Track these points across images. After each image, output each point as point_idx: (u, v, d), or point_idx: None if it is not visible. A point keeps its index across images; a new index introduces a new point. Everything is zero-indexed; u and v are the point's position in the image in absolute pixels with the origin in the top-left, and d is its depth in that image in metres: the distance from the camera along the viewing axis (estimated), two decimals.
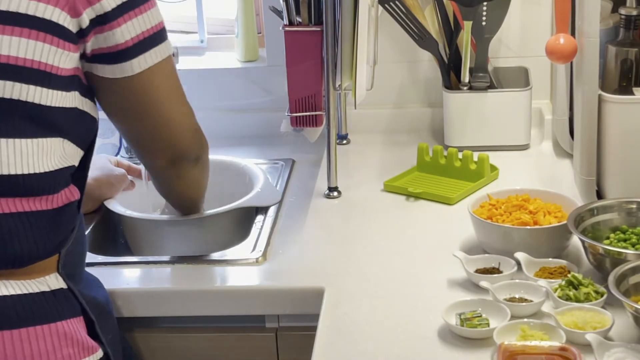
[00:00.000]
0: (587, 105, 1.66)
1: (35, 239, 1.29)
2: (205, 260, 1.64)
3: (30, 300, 1.28)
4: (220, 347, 1.59)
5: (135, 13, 1.31)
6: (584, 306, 1.36)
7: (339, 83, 1.84)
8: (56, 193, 1.30)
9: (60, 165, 1.30)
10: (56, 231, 1.31)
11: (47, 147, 1.28)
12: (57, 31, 1.25)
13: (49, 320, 1.29)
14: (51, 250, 1.31)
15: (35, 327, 1.27)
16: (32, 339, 1.26)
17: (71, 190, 1.33)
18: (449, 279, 1.52)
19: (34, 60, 1.24)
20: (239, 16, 2.28)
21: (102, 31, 1.29)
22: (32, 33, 1.23)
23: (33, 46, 1.23)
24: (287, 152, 2.11)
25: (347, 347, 1.36)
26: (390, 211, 1.81)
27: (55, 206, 1.30)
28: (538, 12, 2.15)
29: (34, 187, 1.27)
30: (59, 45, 1.25)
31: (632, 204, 1.56)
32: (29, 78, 1.24)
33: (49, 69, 1.25)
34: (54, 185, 1.30)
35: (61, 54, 1.26)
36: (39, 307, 1.29)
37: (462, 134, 2.05)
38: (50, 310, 1.30)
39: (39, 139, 1.27)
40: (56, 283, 1.32)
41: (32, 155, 1.26)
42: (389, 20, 2.02)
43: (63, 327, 1.30)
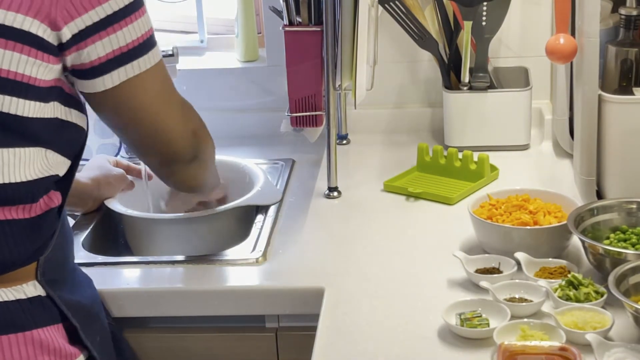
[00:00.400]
0: (587, 105, 1.66)
1: (11, 247, 1.27)
2: (205, 260, 1.64)
3: (4, 309, 1.27)
4: (220, 347, 1.59)
5: (115, 29, 1.27)
6: (584, 306, 1.36)
7: (339, 83, 1.84)
8: (35, 202, 1.28)
9: (41, 174, 1.28)
10: (34, 239, 1.30)
11: (26, 156, 1.26)
12: (35, 43, 1.23)
13: (24, 328, 1.27)
14: (28, 258, 1.30)
15: (9, 335, 1.26)
16: (5, 348, 1.25)
17: (51, 196, 1.31)
18: (449, 279, 1.52)
19: (9, 70, 1.22)
20: (239, 16, 2.28)
21: (85, 47, 1.26)
22: (9, 44, 1.21)
23: (9, 57, 1.22)
24: (287, 152, 2.11)
25: (347, 347, 1.36)
26: (390, 211, 1.81)
27: (33, 214, 1.28)
28: (538, 12, 2.15)
29: (10, 197, 1.25)
30: (37, 56, 1.23)
31: (632, 204, 1.56)
32: (4, 88, 1.22)
33: (26, 80, 1.23)
34: (33, 195, 1.28)
35: (39, 65, 1.24)
36: (13, 315, 1.27)
37: (462, 134, 2.05)
38: (26, 318, 1.28)
39: (16, 149, 1.25)
40: (34, 290, 1.30)
41: (9, 164, 1.24)
42: (389, 20, 2.02)
43: (39, 335, 1.28)
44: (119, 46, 1.28)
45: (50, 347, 1.29)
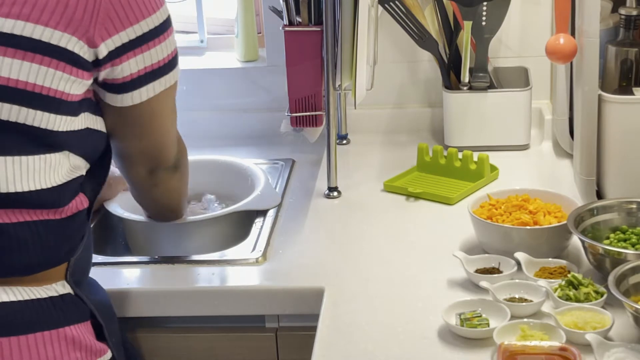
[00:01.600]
0: (587, 105, 1.66)
1: (45, 247, 1.29)
2: (205, 261, 1.64)
3: (37, 306, 1.28)
4: (220, 347, 1.59)
5: (149, 46, 1.32)
6: (584, 306, 1.36)
7: (339, 83, 1.84)
8: (65, 205, 1.31)
9: (67, 178, 1.30)
10: (66, 240, 1.32)
11: (54, 161, 1.28)
12: (71, 59, 1.25)
13: (56, 325, 1.29)
14: (61, 259, 1.32)
15: (42, 332, 1.27)
16: (39, 345, 1.26)
17: (80, 199, 1.34)
18: (449, 279, 1.52)
19: (43, 86, 1.24)
20: (239, 16, 2.28)
21: (120, 63, 1.30)
22: (45, 59, 1.23)
23: (44, 72, 1.23)
24: (287, 152, 2.11)
25: (347, 347, 1.36)
26: (390, 211, 1.81)
27: (64, 216, 1.31)
28: (538, 12, 2.15)
29: (42, 202, 1.28)
30: (72, 73, 1.25)
31: (632, 204, 1.56)
32: (37, 104, 1.24)
33: (59, 95, 1.25)
34: (62, 198, 1.30)
35: (73, 82, 1.26)
36: (46, 312, 1.29)
37: (462, 134, 2.05)
38: (58, 316, 1.30)
39: (45, 155, 1.27)
40: (63, 289, 1.33)
41: (39, 171, 1.26)
42: (389, 20, 2.02)
43: (71, 331, 1.30)
44: (151, 63, 1.33)
45: (81, 343, 1.31)
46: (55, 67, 1.24)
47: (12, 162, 1.24)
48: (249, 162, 1.97)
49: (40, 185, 1.27)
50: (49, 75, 1.24)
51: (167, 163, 1.51)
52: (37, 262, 1.29)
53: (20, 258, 1.28)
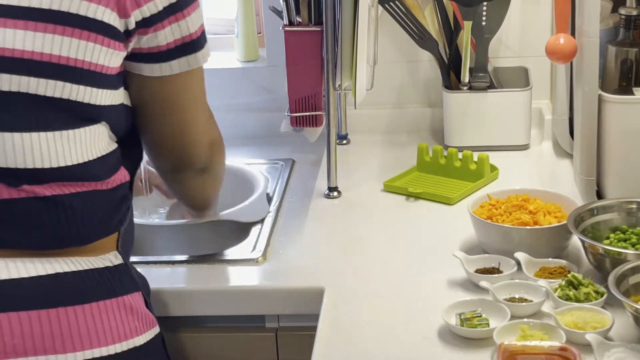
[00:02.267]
0: (587, 105, 1.66)
1: (98, 217, 1.32)
2: (205, 260, 1.64)
3: (96, 276, 1.30)
4: (220, 347, 1.59)
5: (182, 15, 1.31)
6: (584, 306, 1.36)
7: (339, 83, 1.84)
8: (109, 177, 1.32)
9: (108, 149, 1.32)
10: (115, 210, 1.34)
11: (96, 133, 1.29)
12: (107, 31, 1.26)
13: (114, 294, 1.31)
14: (113, 228, 1.35)
15: (104, 301, 1.29)
16: (102, 314, 1.28)
17: (123, 172, 1.36)
18: (449, 279, 1.52)
19: (84, 60, 1.24)
20: (239, 16, 2.28)
21: (146, 33, 1.30)
22: (83, 33, 1.23)
23: (84, 47, 1.24)
24: (287, 152, 2.11)
25: (347, 347, 1.36)
26: (390, 211, 1.81)
27: (110, 187, 1.33)
28: (538, 12, 2.15)
29: (91, 174, 1.29)
30: (110, 45, 1.26)
31: (632, 204, 1.56)
32: (80, 78, 1.25)
33: (100, 69, 1.26)
34: (107, 169, 1.32)
35: (112, 54, 1.27)
36: (103, 281, 1.31)
37: (462, 134, 2.05)
38: (115, 285, 1.32)
39: (88, 127, 1.28)
40: (116, 260, 1.35)
41: (84, 142, 1.28)
42: (389, 20, 2.02)
43: (129, 300, 1.32)
44: (188, 32, 1.33)
45: (139, 312, 1.33)
46: (94, 40, 1.24)
47: (60, 137, 1.25)
48: (251, 166, 1.97)
49: (88, 157, 1.28)
50: (89, 49, 1.24)
51: (193, 164, 1.47)
52: (91, 232, 1.31)
53: (77, 228, 1.30)
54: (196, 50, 1.35)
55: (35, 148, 1.24)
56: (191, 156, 1.46)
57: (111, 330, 1.28)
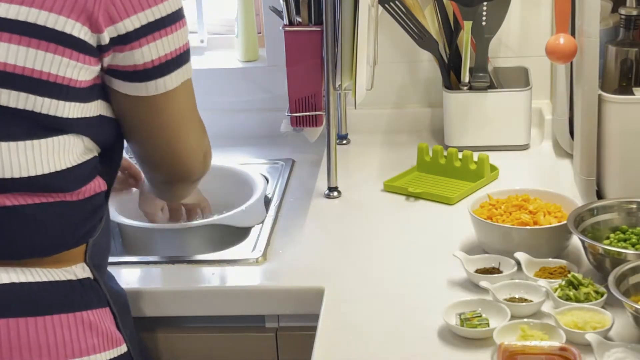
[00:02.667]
0: (587, 105, 1.66)
1: (63, 227, 1.29)
2: (205, 261, 1.64)
3: (57, 288, 1.28)
4: (220, 347, 1.59)
5: (159, 35, 1.28)
6: (584, 306, 1.36)
7: (339, 83, 1.84)
8: (82, 187, 1.30)
9: (81, 159, 1.29)
10: (84, 221, 1.32)
11: (67, 143, 1.27)
12: (76, 45, 1.23)
13: (75, 309, 1.29)
14: (79, 239, 1.32)
15: (60, 315, 1.27)
16: (57, 327, 1.26)
17: (98, 182, 1.33)
18: (449, 279, 1.52)
19: (50, 73, 1.22)
20: (239, 16, 2.28)
21: (122, 50, 1.27)
22: (50, 46, 1.22)
23: (51, 59, 1.22)
24: (287, 152, 2.11)
25: (347, 347, 1.36)
26: (390, 211, 1.81)
27: (81, 197, 1.30)
28: (538, 12, 2.15)
29: (57, 185, 1.27)
30: (78, 59, 1.24)
31: (632, 204, 1.56)
32: (44, 91, 1.23)
33: (67, 82, 1.24)
34: (78, 180, 1.29)
35: (80, 68, 1.25)
36: (66, 295, 1.29)
37: (462, 134, 2.05)
38: (77, 299, 1.30)
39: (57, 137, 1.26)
40: (83, 273, 1.33)
41: (52, 153, 1.25)
42: (389, 20, 2.02)
43: (89, 316, 1.30)
44: (169, 50, 1.30)
45: (99, 329, 1.30)
46: (62, 54, 1.22)
47: (23, 147, 1.23)
48: (250, 168, 1.96)
49: (55, 168, 1.26)
50: (55, 62, 1.22)
51: (189, 177, 1.45)
52: (55, 243, 1.29)
53: (39, 239, 1.28)
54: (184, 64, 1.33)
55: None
56: (186, 170, 1.43)
57: (64, 345, 1.26)
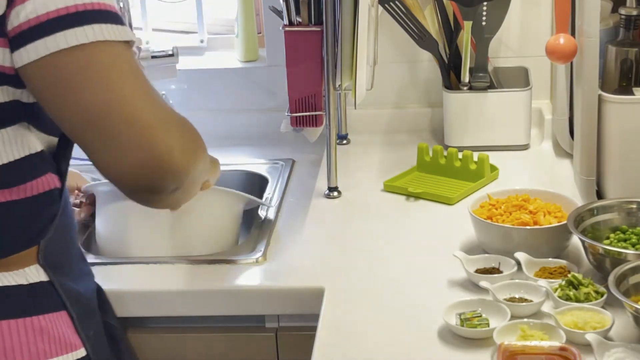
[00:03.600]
0: (587, 105, 1.66)
1: (11, 229, 1.23)
2: (205, 260, 1.64)
3: (5, 293, 1.23)
4: (220, 347, 1.59)
5: None
6: (584, 306, 1.36)
7: (339, 83, 1.84)
8: (29, 182, 1.22)
9: (27, 152, 1.21)
10: (33, 221, 1.24)
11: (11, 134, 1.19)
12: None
13: (24, 314, 1.23)
14: (29, 241, 1.24)
15: (9, 320, 1.22)
16: (4, 333, 1.21)
17: (48, 178, 1.25)
18: (449, 279, 1.52)
19: None
20: (239, 16, 2.28)
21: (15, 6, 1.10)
22: None
23: None
24: (287, 152, 2.11)
25: (347, 347, 1.36)
26: (390, 211, 1.81)
27: (29, 195, 1.23)
28: (538, 12, 2.15)
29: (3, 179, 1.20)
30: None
31: (632, 204, 1.56)
32: None
33: None
34: (25, 174, 1.22)
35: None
36: (14, 300, 1.23)
37: (462, 134, 2.05)
38: (27, 304, 1.24)
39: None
40: (36, 275, 1.26)
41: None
42: (389, 20, 2.02)
43: (39, 321, 1.24)
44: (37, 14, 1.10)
45: (51, 334, 1.25)
46: None
47: None
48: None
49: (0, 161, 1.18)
50: None
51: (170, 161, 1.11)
52: (3, 245, 1.23)
53: None
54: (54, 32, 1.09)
55: None
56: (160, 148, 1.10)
57: (13, 351, 1.21)
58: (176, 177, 1.12)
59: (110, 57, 1.11)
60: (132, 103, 1.10)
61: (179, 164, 1.12)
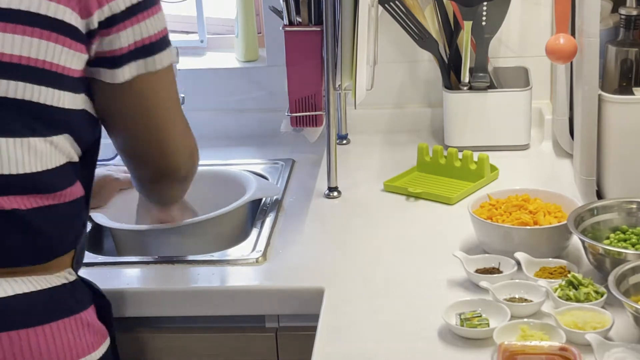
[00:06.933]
0: (587, 105, 1.66)
1: (54, 233, 1.29)
2: (205, 260, 1.64)
3: (54, 294, 1.29)
4: (220, 347, 1.59)
5: (138, 19, 1.29)
6: (584, 306, 1.36)
7: (339, 83, 1.84)
8: (67, 188, 1.30)
9: (65, 160, 1.29)
10: (71, 226, 1.33)
11: (58, 143, 1.27)
12: (68, 31, 1.24)
13: (72, 312, 1.30)
14: (68, 245, 1.33)
15: (62, 320, 1.28)
16: (61, 332, 1.27)
17: (77, 187, 1.33)
18: (449, 279, 1.52)
19: (45, 61, 1.23)
20: (239, 16, 2.28)
21: (108, 34, 1.28)
22: (44, 33, 1.22)
23: (45, 47, 1.22)
24: (287, 152, 2.11)
25: (347, 347, 1.36)
26: (390, 211, 1.81)
27: (67, 200, 1.30)
28: (538, 12, 2.15)
29: (48, 184, 1.27)
30: (71, 46, 1.25)
31: (632, 204, 1.56)
32: (40, 79, 1.23)
33: (60, 70, 1.24)
34: (63, 181, 1.30)
35: (73, 55, 1.25)
36: (62, 300, 1.30)
37: (462, 134, 2.05)
38: (72, 302, 1.31)
39: (51, 137, 1.26)
40: (70, 276, 1.34)
41: (45, 152, 1.26)
42: (389, 20, 2.02)
43: (86, 316, 1.32)
44: (141, 37, 1.31)
45: (94, 327, 1.33)
46: (55, 40, 1.23)
47: (20, 144, 1.23)
48: (238, 169, 1.96)
49: (47, 166, 1.26)
50: (49, 49, 1.23)
51: (176, 173, 1.46)
52: (52, 248, 1.30)
53: (35, 244, 1.28)
54: (154, 53, 1.32)
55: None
56: (172, 165, 1.44)
57: (70, 348, 1.27)
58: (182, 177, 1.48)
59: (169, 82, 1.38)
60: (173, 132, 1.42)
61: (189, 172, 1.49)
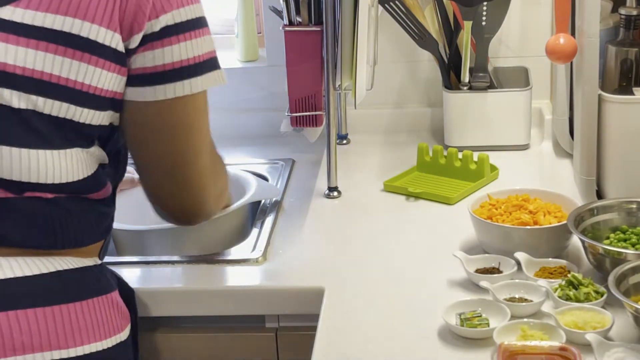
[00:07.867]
0: (587, 105, 1.66)
1: (91, 222, 1.35)
2: (205, 260, 1.64)
3: (88, 273, 1.33)
4: (220, 347, 1.59)
5: (180, 39, 1.28)
6: (584, 306, 1.36)
7: (339, 83, 1.84)
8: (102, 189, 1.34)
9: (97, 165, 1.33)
10: (105, 218, 1.38)
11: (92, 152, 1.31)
12: (108, 54, 1.25)
13: (104, 291, 1.34)
14: (100, 234, 1.38)
15: (97, 298, 1.32)
16: (96, 310, 1.31)
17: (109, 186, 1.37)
18: (449, 279, 1.52)
19: (84, 83, 1.24)
20: (239, 16, 2.28)
21: (153, 47, 1.27)
22: (84, 56, 1.23)
23: (85, 69, 1.24)
24: (287, 152, 2.11)
25: (347, 347, 1.36)
26: (390, 211, 1.81)
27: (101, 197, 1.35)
28: (538, 12, 2.15)
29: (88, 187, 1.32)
30: (110, 68, 1.25)
31: (632, 204, 1.56)
32: (78, 100, 1.25)
33: (99, 92, 1.26)
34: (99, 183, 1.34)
35: (111, 77, 1.26)
36: (95, 279, 1.34)
37: (462, 134, 2.05)
38: (104, 282, 1.36)
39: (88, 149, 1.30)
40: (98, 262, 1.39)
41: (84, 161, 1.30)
42: (389, 20, 2.02)
43: (115, 297, 1.36)
44: (202, 52, 1.32)
45: (121, 308, 1.37)
46: (95, 64, 1.24)
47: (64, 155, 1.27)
48: (239, 168, 1.96)
49: (85, 174, 1.30)
50: (89, 71, 1.24)
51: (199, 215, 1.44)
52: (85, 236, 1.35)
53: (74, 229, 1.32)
54: (192, 76, 1.31)
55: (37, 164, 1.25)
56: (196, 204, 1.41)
57: (103, 325, 1.31)
58: (205, 218, 1.46)
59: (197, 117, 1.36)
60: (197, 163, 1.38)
61: (210, 212, 1.45)
